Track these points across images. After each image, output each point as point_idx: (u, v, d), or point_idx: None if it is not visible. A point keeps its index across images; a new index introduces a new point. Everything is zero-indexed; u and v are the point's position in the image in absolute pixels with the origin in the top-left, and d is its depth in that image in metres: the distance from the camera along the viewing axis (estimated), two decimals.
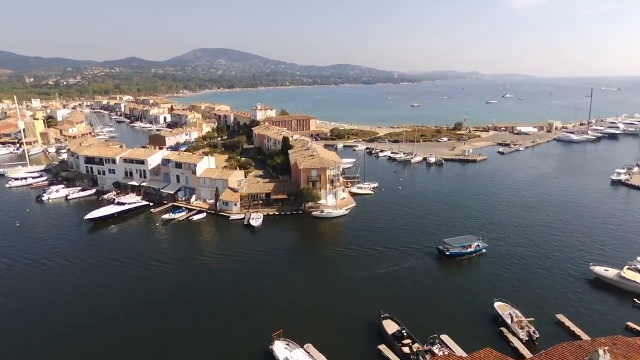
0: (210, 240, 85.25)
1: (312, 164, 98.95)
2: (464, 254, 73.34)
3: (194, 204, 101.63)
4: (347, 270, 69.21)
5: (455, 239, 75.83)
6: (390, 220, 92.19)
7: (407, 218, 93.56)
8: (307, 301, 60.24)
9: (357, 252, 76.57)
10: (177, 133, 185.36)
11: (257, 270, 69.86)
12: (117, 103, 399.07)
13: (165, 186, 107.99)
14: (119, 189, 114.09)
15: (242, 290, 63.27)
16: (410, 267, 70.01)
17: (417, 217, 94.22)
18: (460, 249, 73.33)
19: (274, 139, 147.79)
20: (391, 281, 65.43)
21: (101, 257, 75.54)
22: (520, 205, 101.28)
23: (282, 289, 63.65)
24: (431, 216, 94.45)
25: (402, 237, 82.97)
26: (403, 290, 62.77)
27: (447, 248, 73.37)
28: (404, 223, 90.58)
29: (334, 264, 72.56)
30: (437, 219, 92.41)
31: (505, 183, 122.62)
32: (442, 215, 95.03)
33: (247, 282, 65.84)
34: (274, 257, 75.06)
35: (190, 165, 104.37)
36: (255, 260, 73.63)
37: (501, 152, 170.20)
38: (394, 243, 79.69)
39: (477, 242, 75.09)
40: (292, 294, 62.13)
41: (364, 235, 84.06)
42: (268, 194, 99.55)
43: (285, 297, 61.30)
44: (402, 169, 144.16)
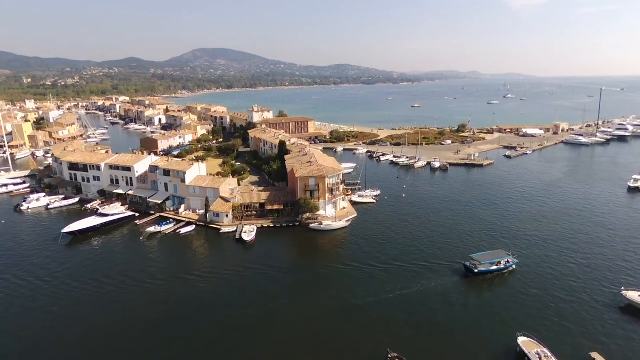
0: (198, 257, 77.74)
1: (309, 171, 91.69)
2: (494, 271, 66.57)
3: (182, 215, 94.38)
4: (349, 295, 61.92)
5: (484, 254, 69.20)
6: (396, 233, 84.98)
7: (413, 230, 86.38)
8: (303, 333, 53.09)
9: (360, 270, 69.39)
10: (170, 136, 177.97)
11: (246, 294, 62.62)
12: (113, 104, 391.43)
13: (153, 195, 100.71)
14: (104, 197, 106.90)
15: (226, 322, 55.86)
16: (422, 290, 62.77)
17: (424, 229, 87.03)
18: (490, 266, 66.57)
19: (271, 143, 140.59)
20: (401, 308, 58.23)
21: (78, 276, 68.37)
22: (534, 216, 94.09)
23: (274, 317, 56.43)
24: (439, 228, 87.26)
25: (410, 252, 75.83)
26: (414, 320, 55.55)
27: (475, 265, 66.61)
28: (410, 236, 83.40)
29: (334, 286, 65.22)
30: (446, 232, 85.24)
31: (515, 190, 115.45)
32: (452, 227, 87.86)
33: (235, 308, 58.56)
34: (267, 277, 67.81)
35: (179, 172, 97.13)
36: (246, 281, 66.37)
37: (508, 155, 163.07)
38: (401, 260, 72.67)
39: (508, 258, 68.45)
40: (285, 325, 54.87)
41: (368, 251, 76.87)
42: (263, 204, 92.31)
43: (278, 329, 54.10)
44: (405, 175, 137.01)
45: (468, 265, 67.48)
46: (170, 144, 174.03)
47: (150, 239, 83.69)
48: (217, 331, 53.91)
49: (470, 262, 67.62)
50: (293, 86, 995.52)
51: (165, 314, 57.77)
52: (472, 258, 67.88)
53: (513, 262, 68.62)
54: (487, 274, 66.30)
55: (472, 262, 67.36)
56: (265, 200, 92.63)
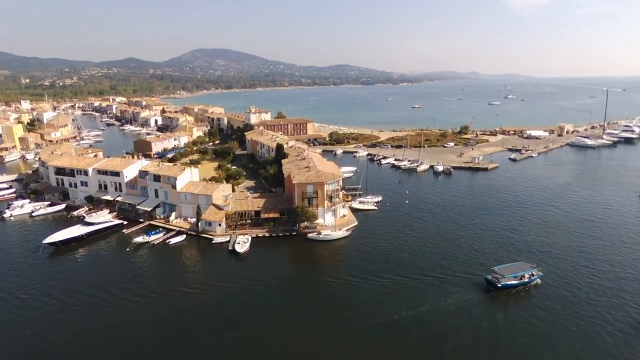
0: (186, 271, 72.22)
1: (307, 177, 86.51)
2: (517, 285, 61.82)
3: (173, 223, 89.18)
4: (355, 313, 56.83)
5: (507, 266, 64.36)
6: (401, 243, 79.86)
7: (420, 240, 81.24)
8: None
9: (365, 284, 64.31)
10: (164, 138, 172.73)
11: (237, 313, 57.50)
12: (110, 105, 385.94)
13: (143, 202, 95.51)
14: (91, 204, 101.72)
15: (210, 351, 50.70)
16: (440, 307, 57.76)
17: (431, 238, 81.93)
18: (513, 280, 61.80)
19: (268, 146, 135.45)
20: (419, 329, 53.20)
21: (55, 293, 63.21)
22: (548, 225, 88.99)
23: (265, 344, 51.24)
24: (448, 237, 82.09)
25: (420, 264, 70.87)
26: (437, 344, 50.46)
27: (498, 278, 61.83)
28: (418, 246, 78.31)
29: (335, 303, 60.13)
30: (456, 241, 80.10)
31: (524, 196, 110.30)
32: (461, 236, 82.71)
33: (222, 332, 53.31)
34: (260, 294, 62.65)
35: (169, 178, 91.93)
36: (236, 299, 61.18)
37: (513, 158, 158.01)
38: (411, 272, 67.83)
39: (532, 271, 63.75)
40: (279, 353, 49.74)
41: (372, 263, 71.75)
42: (258, 212, 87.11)
43: (271, 357, 48.96)
44: (407, 179, 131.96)
45: (490, 279, 62.59)
46: (164, 146, 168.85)
47: (137, 250, 78.47)
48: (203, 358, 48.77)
49: (492, 275, 62.79)
50: (292, 86, 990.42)
51: (146, 338, 52.56)
52: (494, 271, 63.08)
53: (537, 275, 63.89)
54: (510, 289, 61.54)
55: (494, 275, 62.55)
56: (260, 208, 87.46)
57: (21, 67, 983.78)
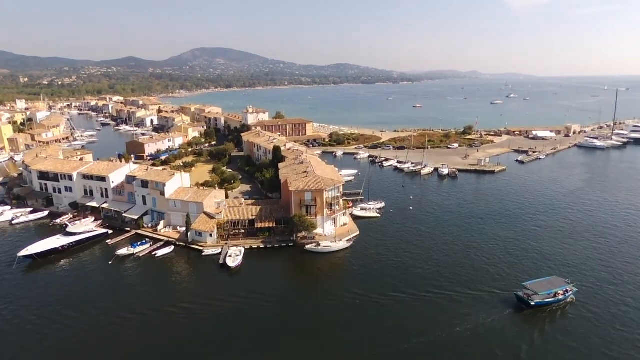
0: (172, 287, 65.77)
1: (305, 184, 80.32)
2: (552, 303, 56.24)
3: (161, 233, 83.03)
4: (355, 338, 50.84)
5: (539, 282, 58.68)
6: (408, 255, 73.81)
7: (428, 251, 75.18)
8: None
9: (367, 304, 58.29)
10: (158, 139, 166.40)
11: (225, 338, 51.44)
12: (106, 104, 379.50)
13: (130, 209, 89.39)
14: (76, 211, 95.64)
15: None
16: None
17: (440, 249, 75.88)
18: (548, 297, 56.29)
19: (265, 148, 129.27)
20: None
21: (25, 313, 57.18)
22: (564, 234, 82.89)
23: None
24: (457, 248, 76.03)
25: (432, 279, 65.20)
26: None
27: (529, 295, 56.29)
28: (426, 258, 72.37)
29: (336, 328, 53.97)
30: (466, 252, 74.09)
31: (534, 202, 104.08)
32: (471, 247, 76.56)
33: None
34: (251, 314, 56.54)
35: (157, 184, 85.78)
36: (225, 321, 55.12)
37: (520, 161, 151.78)
38: (419, 288, 62.28)
39: (567, 287, 58.08)
40: None
41: (375, 277, 65.81)
42: (252, 221, 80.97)
43: None
44: (410, 182, 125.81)
45: (521, 296, 56.97)
46: (158, 147, 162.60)
47: (121, 263, 72.36)
48: None
49: (524, 291, 57.22)
50: (292, 85, 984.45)
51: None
52: (526, 287, 57.46)
53: (572, 291, 58.22)
54: (544, 307, 55.87)
55: (526, 291, 56.98)
56: (255, 217, 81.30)
57: (21, 67, 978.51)
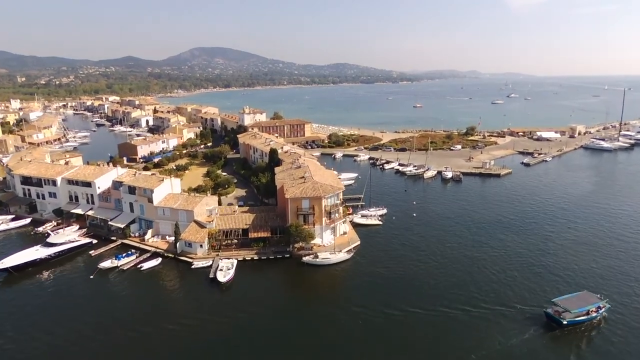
0: (157, 304, 59.87)
1: (302, 191, 75.08)
2: (585, 321, 51.60)
3: (149, 243, 77.75)
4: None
5: (569, 298, 53.81)
6: (414, 266, 68.80)
7: (436, 261, 70.18)
8: None
9: (373, 323, 53.18)
10: (152, 141, 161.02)
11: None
12: (102, 104, 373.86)
13: (116, 217, 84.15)
14: (60, 218, 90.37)
15: None
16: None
17: (448, 259, 70.85)
18: (580, 315, 51.68)
19: (261, 151, 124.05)
20: None
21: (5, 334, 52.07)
22: (580, 243, 77.83)
23: None
24: (467, 259, 70.91)
25: (441, 293, 60.48)
26: None
27: (560, 312, 51.59)
28: (434, 270, 67.44)
29: (337, 352, 48.86)
30: (477, 264, 69.01)
31: (544, 207, 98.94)
32: (481, 258, 71.46)
33: None
34: (242, 336, 51.38)
35: (145, 190, 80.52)
36: (212, 346, 49.92)
37: (526, 163, 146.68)
38: (428, 304, 57.52)
39: (600, 303, 53.30)
40: None
41: (380, 293, 60.82)
42: (246, 230, 75.74)
43: None
44: (413, 186, 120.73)
45: (551, 314, 52.13)
46: (151, 149, 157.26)
47: (103, 277, 67.12)
48: None
49: (554, 308, 52.36)
50: (291, 85, 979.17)
51: None
52: (556, 304, 52.60)
53: (605, 307, 53.36)
54: (577, 325, 51.21)
55: (556, 308, 52.13)
56: (248, 226, 76.07)
57: (19, 66, 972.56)
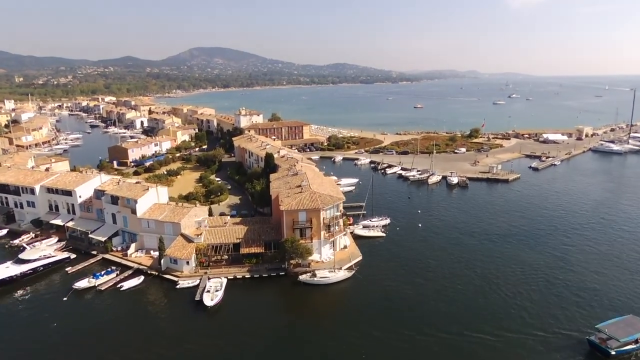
0: (134, 332, 53.45)
1: (299, 202, 68.62)
2: (635, 350, 45.69)
3: (131, 258, 71.36)
4: None
5: (614, 323, 47.68)
6: (423, 285, 62.57)
7: (447, 280, 63.82)
8: None
9: (382, 352, 46.95)
10: (143, 143, 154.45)
11: None
12: (97, 105, 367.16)
13: (98, 229, 77.70)
14: (39, 229, 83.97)
15: None
16: None
17: (460, 276, 64.58)
18: (630, 343, 45.57)
19: (257, 155, 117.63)
20: None
21: None
22: (603, 257, 71.40)
23: None
24: (480, 276, 64.47)
25: (455, 316, 54.39)
26: None
27: (605, 340, 45.61)
28: (446, 289, 61.30)
29: None
30: (492, 281, 62.83)
31: (559, 216, 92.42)
32: (496, 275, 65.07)
33: None
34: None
35: (128, 200, 74.11)
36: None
37: (535, 167, 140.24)
38: (444, 329, 51.78)
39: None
40: None
41: (388, 316, 54.82)
42: (237, 245, 69.35)
43: None
44: (416, 192, 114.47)
45: (596, 342, 46.23)
46: (143, 152, 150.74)
47: (79, 298, 60.72)
48: None
49: (598, 336, 46.36)
50: (291, 85, 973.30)
51: None
52: (600, 330, 46.51)
53: None
54: (626, 355, 45.30)
55: (600, 335, 46.16)
56: (240, 240, 69.65)
57: (17, 66, 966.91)
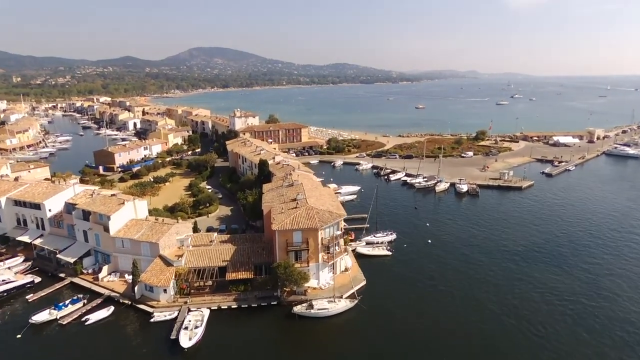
0: None
1: (294, 220, 59.70)
2: None
3: (103, 283, 62.61)
4: None
5: None
6: (437, 318, 53.46)
7: (467, 312, 54.82)
8: None
9: None
10: (132, 147, 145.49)
11: None
12: (91, 105, 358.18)
13: (67, 248, 68.91)
14: (5, 246, 75.14)
15: None
16: None
17: (481, 308, 55.58)
18: None
19: (250, 161, 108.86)
20: None
21: None
22: (636, 285, 62.75)
23: None
24: (505, 305, 55.58)
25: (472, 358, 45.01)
26: None
27: None
28: (470, 325, 52.10)
29: None
30: (521, 315, 53.78)
31: (583, 231, 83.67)
32: (523, 306, 56.18)
33: None
34: None
35: (101, 216, 65.30)
36: None
37: (548, 173, 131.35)
38: None
39: None
40: None
41: (395, 358, 45.85)
42: (224, 268, 60.57)
43: None
44: (423, 201, 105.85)
45: None
46: (131, 157, 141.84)
47: (36, 335, 51.97)
48: None
49: None
50: (290, 85, 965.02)
51: None
52: None
53: None
54: None
55: None
56: (227, 263, 60.84)
57: (16, 66, 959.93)
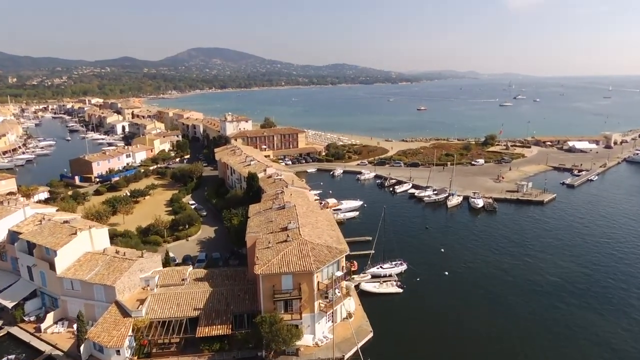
0: None
1: (282, 260, 47.19)
2: None
3: (46, 335, 50.31)
4: None
5: None
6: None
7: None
8: None
9: None
10: (112, 155, 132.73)
11: None
12: (82, 107, 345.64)
13: (8, 287, 56.58)
14: None
15: None
16: None
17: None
18: None
19: (239, 173, 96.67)
20: None
21: None
22: None
23: None
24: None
25: None
26: None
27: None
28: None
29: None
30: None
31: (620, 259, 71.51)
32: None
33: None
34: None
35: (47, 250, 53.00)
36: None
37: (570, 184, 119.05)
38: None
39: None
40: None
41: None
42: (195, 320, 48.26)
43: None
44: (433, 217, 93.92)
45: None
46: (111, 166, 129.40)
47: None
48: None
49: None
50: (289, 86, 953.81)
51: None
52: None
53: None
54: None
55: None
56: (199, 312, 48.55)
57: (13, 67, 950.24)
